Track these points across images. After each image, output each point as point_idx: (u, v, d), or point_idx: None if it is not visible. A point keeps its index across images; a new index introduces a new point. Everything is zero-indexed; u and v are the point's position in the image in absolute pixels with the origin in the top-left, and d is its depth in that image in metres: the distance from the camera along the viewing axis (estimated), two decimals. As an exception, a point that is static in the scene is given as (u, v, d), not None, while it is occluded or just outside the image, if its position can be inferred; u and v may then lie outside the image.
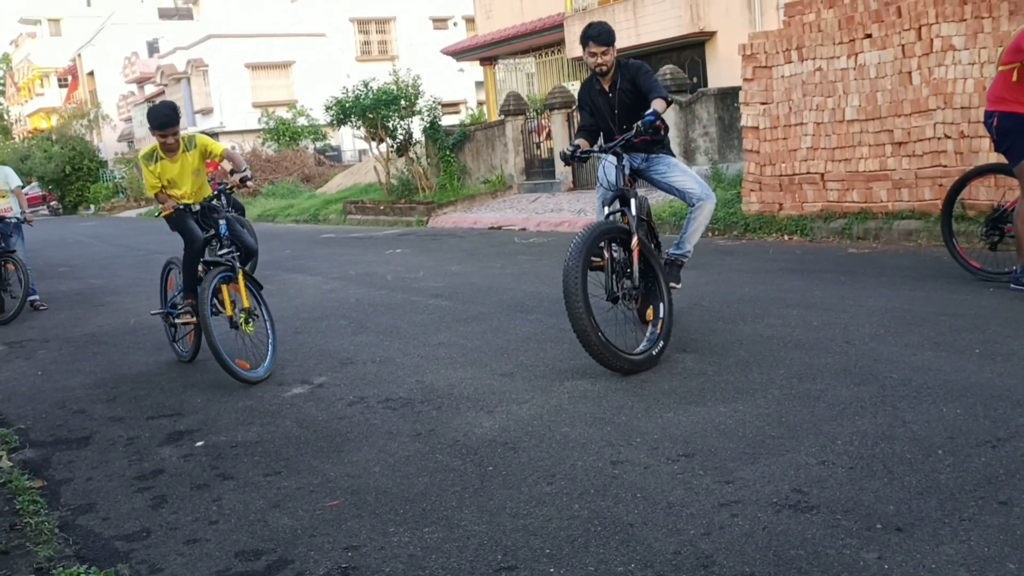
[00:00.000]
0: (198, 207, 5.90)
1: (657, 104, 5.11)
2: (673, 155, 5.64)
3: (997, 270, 6.29)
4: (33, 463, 4.24)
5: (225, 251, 5.63)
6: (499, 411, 4.36)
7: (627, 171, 5.28)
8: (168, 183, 5.94)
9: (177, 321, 6.08)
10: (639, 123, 5.03)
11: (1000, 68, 5.95)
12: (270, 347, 5.60)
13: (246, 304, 5.54)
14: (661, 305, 5.01)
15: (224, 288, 5.63)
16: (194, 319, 5.87)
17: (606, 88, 5.48)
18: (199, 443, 4.32)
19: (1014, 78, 5.80)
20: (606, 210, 5.20)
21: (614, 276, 4.98)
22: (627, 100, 5.42)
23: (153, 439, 4.46)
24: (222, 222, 5.70)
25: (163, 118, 5.76)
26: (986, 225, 6.57)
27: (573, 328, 4.64)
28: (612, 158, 5.24)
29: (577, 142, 5.46)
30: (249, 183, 5.96)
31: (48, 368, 6.42)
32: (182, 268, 5.99)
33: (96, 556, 3.13)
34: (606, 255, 4.95)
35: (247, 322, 5.56)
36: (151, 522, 3.39)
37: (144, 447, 4.34)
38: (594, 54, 5.36)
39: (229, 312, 5.59)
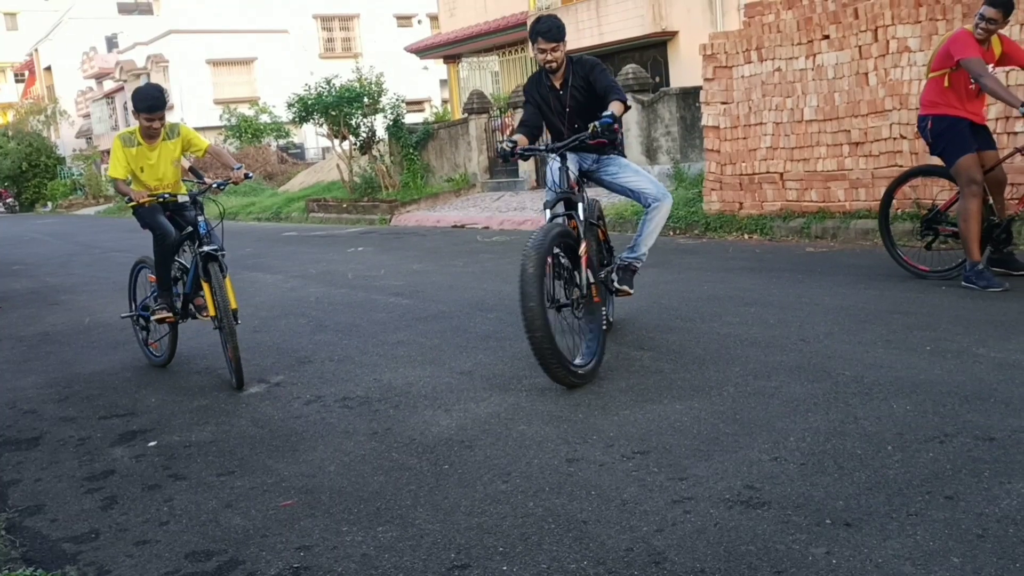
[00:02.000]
0: (186, 198, 5.44)
1: (615, 107, 4.89)
2: (624, 156, 5.46)
3: (945, 267, 6.40)
4: (-20, 464, 4.16)
5: (209, 248, 5.21)
6: (456, 409, 4.35)
7: (573, 173, 5.04)
8: (140, 170, 5.58)
9: (154, 319, 5.68)
10: (596, 123, 4.77)
11: (931, 75, 6.12)
12: None
13: (234, 305, 5.14)
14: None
15: (206, 286, 5.23)
16: (171, 316, 5.60)
17: (557, 85, 5.26)
18: (152, 443, 4.26)
19: (946, 83, 6.00)
20: (548, 213, 4.87)
21: (561, 283, 4.74)
22: (580, 97, 5.22)
23: (105, 439, 4.39)
24: (200, 219, 5.32)
25: (151, 100, 5.37)
26: (922, 225, 6.70)
27: (527, 335, 4.32)
28: (556, 159, 4.99)
29: (515, 138, 5.17)
30: (251, 177, 5.71)
31: (-1, 368, 6.30)
32: (155, 267, 5.64)
33: (43, 558, 3.08)
34: (549, 260, 4.60)
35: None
36: (100, 523, 3.34)
37: (95, 447, 4.27)
38: (543, 50, 5.12)
39: (212, 312, 5.22)
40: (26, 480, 3.90)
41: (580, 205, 4.90)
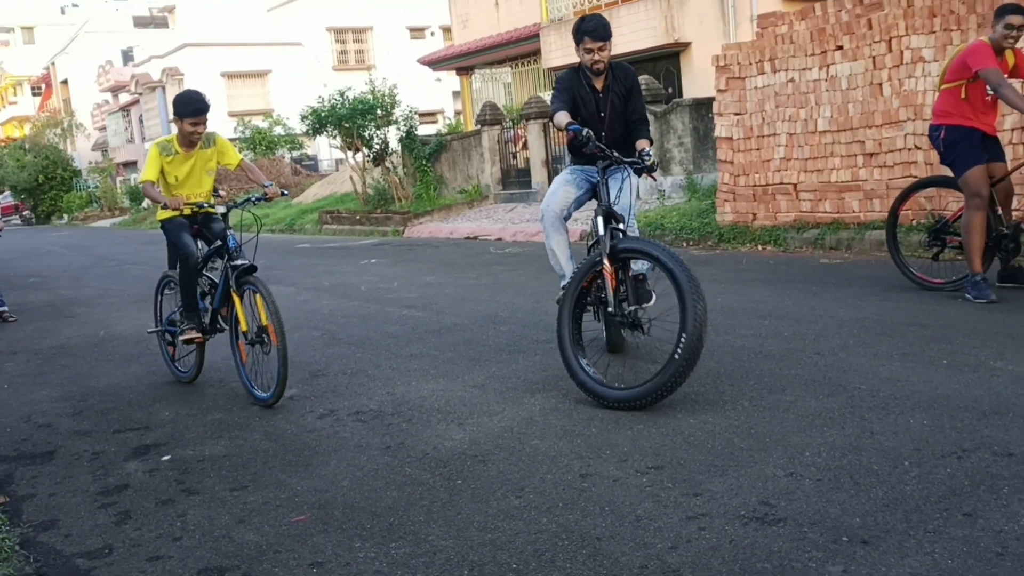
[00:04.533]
0: (223, 208, 5.38)
1: (647, 144, 4.91)
2: (639, 176, 5.18)
3: (959, 277, 6.36)
4: (-5, 479, 4.17)
5: (240, 262, 5.15)
6: (470, 423, 4.34)
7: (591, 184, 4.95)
8: (175, 180, 5.48)
9: (181, 339, 5.56)
10: (651, 162, 4.68)
11: (944, 86, 6.10)
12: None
13: (264, 321, 5.03)
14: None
15: (237, 300, 5.16)
16: (200, 337, 5.52)
17: (598, 87, 5.04)
18: (166, 457, 4.26)
19: (963, 95, 5.99)
20: (600, 224, 4.69)
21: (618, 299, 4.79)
22: (618, 105, 5.05)
23: (119, 453, 4.40)
24: (230, 232, 5.25)
25: (197, 103, 5.25)
26: (929, 236, 6.68)
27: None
28: (596, 169, 4.84)
29: (568, 117, 4.81)
30: (286, 194, 5.72)
31: (15, 381, 6.32)
32: (180, 286, 5.56)
33: (57, 574, 3.08)
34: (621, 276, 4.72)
35: (263, 341, 5.06)
36: (114, 539, 3.34)
37: (109, 462, 4.28)
38: (591, 50, 4.88)
39: (244, 327, 5.11)
40: (40, 495, 3.91)
41: (633, 222, 4.81)
